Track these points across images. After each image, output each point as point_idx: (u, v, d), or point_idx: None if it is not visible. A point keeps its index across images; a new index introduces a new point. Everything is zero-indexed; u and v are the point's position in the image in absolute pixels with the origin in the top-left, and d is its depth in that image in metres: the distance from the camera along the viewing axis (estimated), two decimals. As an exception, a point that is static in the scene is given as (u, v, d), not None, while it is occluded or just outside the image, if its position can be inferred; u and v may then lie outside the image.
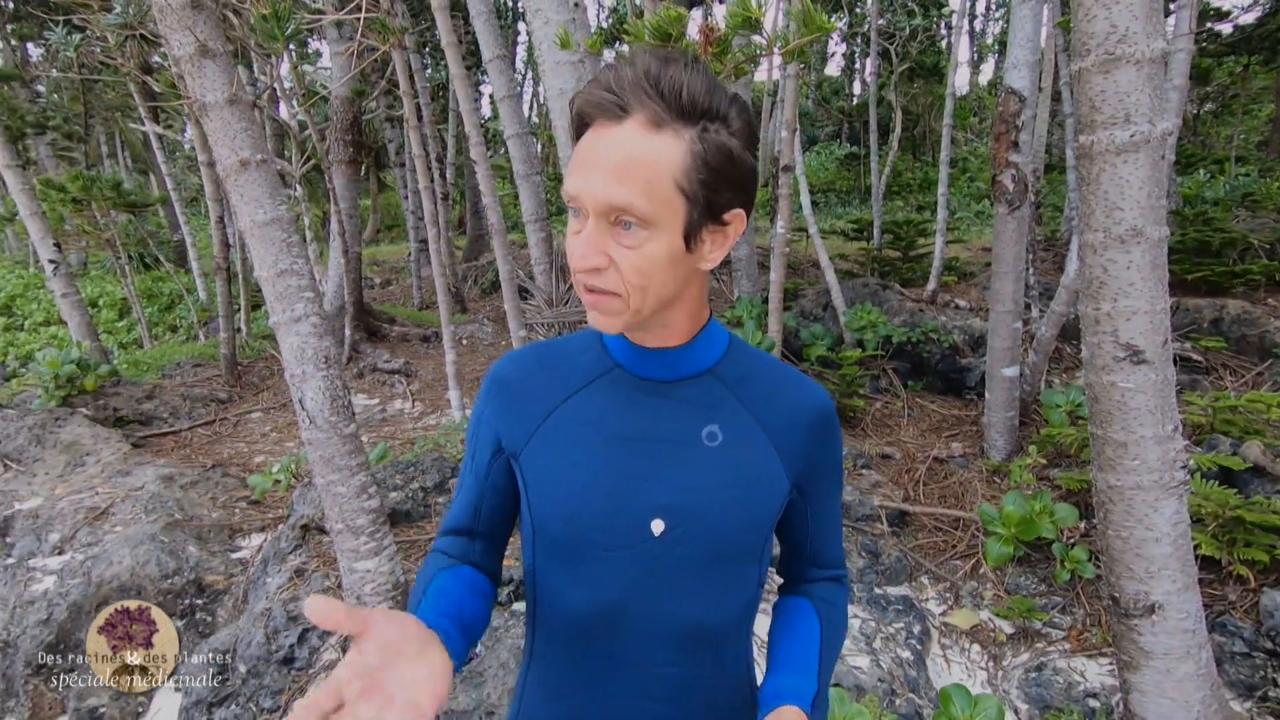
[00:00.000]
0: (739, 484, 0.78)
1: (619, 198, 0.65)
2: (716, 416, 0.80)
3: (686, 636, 0.80)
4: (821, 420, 0.83)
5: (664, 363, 0.80)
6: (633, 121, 0.66)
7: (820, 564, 0.92)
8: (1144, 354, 1.79)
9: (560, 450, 0.80)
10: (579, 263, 0.69)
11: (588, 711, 0.84)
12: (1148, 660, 1.92)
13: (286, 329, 2.34)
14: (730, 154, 0.68)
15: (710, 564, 0.79)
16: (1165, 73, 3.23)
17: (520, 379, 0.84)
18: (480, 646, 2.28)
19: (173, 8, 2.13)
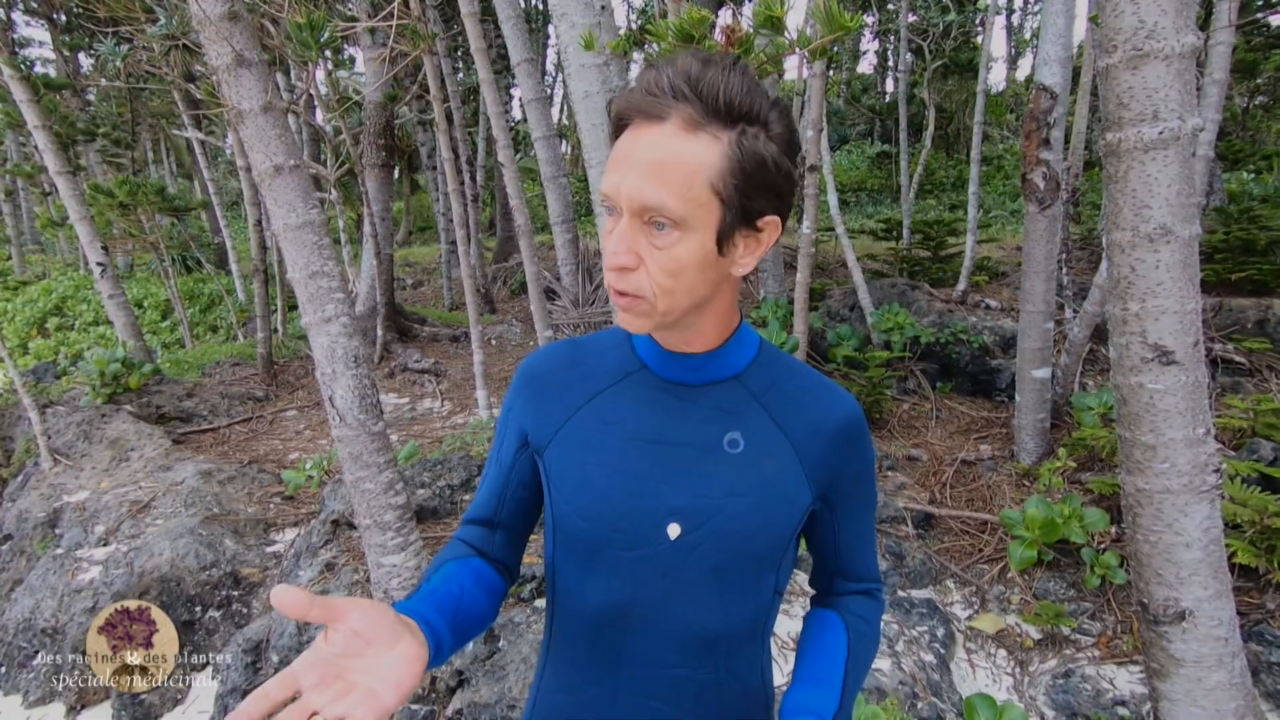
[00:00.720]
0: (758, 493, 0.78)
1: (652, 197, 0.65)
2: (739, 424, 0.80)
3: (696, 640, 0.81)
4: (849, 430, 0.82)
5: (689, 367, 0.80)
6: (671, 123, 0.66)
7: (849, 577, 0.91)
8: (1173, 355, 1.75)
9: (583, 449, 0.81)
10: (609, 260, 0.70)
11: (599, 705, 0.85)
12: (1178, 668, 1.88)
13: (318, 329, 2.41)
14: (767, 160, 0.67)
15: (724, 571, 0.79)
16: (1206, 66, 3.15)
17: (549, 375, 0.86)
18: (503, 641, 2.32)
19: (211, 20, 2.22)
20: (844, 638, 0.85)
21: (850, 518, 0.86)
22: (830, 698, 0.79)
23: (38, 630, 3.33)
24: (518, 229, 4.11)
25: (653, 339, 0.81)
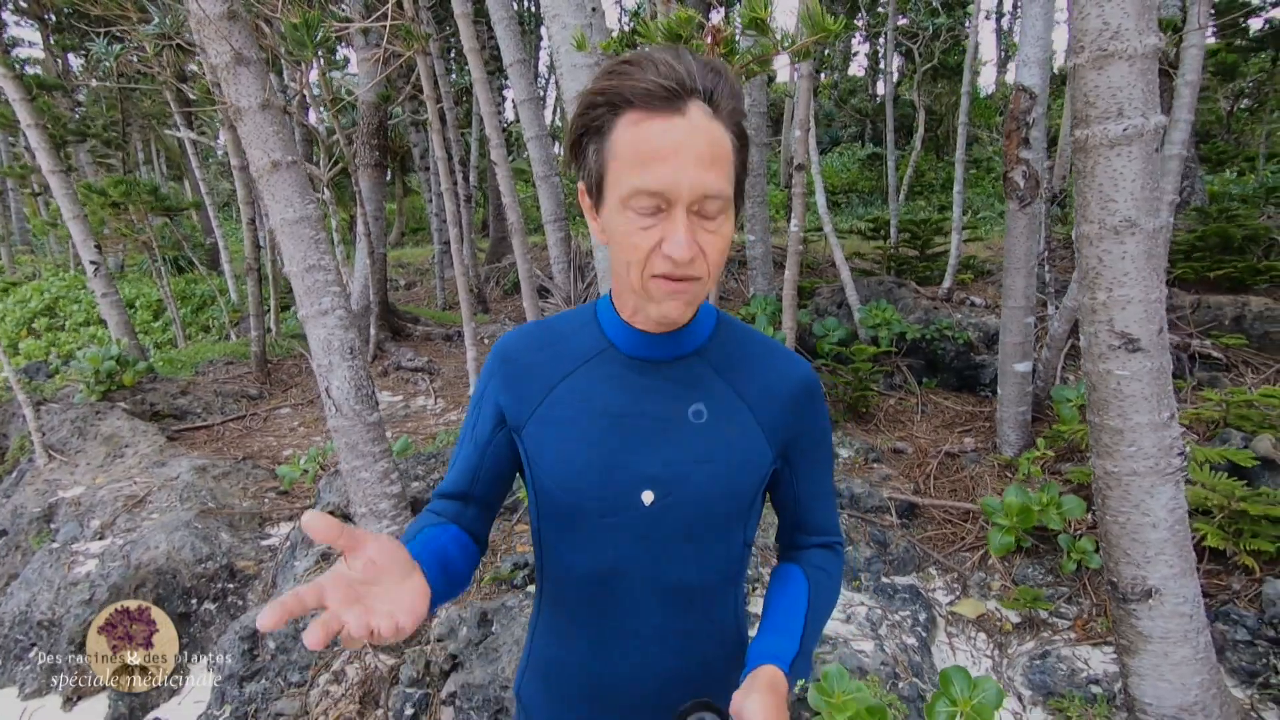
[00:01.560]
0: (722, 459, 0.85)
1: (713, 185, 0.68)
2: (702, 396, 0.86)
3: (675, 594, 0.88)
4: (803, 392, 0.89)
5: (656, 343, 0.86)
6: (693, 114, 0.68)
7: (810, 531, 0.98)
8: (1139, 342, 1.82)
9: (559, 426, 0.86)
10: (683, 255, 0.69)
11: (589, 657, 0.92)
12: (1145, 644, 1.95)
13: (314, 322, 2.46)
14: (747, 145, 0.74)
15: (696, 530, 0.86)
16: (1179, 68, 3.24)
17: (522, 356, 0.90)
18: (496, 625, 2.38)
19: (211, 19, 2.27)
20: (805, 589, 0.92)
21: (808, 475, 0.93)
22: (790, 645, 0.86)
23: (34, 623, 3.36)
24: (511, 228, 4.17)
25: (629, 324, 0.86)
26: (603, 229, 0.78)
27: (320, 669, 2.52)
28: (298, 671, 2.54)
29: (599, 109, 0.72)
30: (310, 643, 0.55)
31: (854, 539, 2.95)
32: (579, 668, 0.92)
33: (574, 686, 0.93)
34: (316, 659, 2.58)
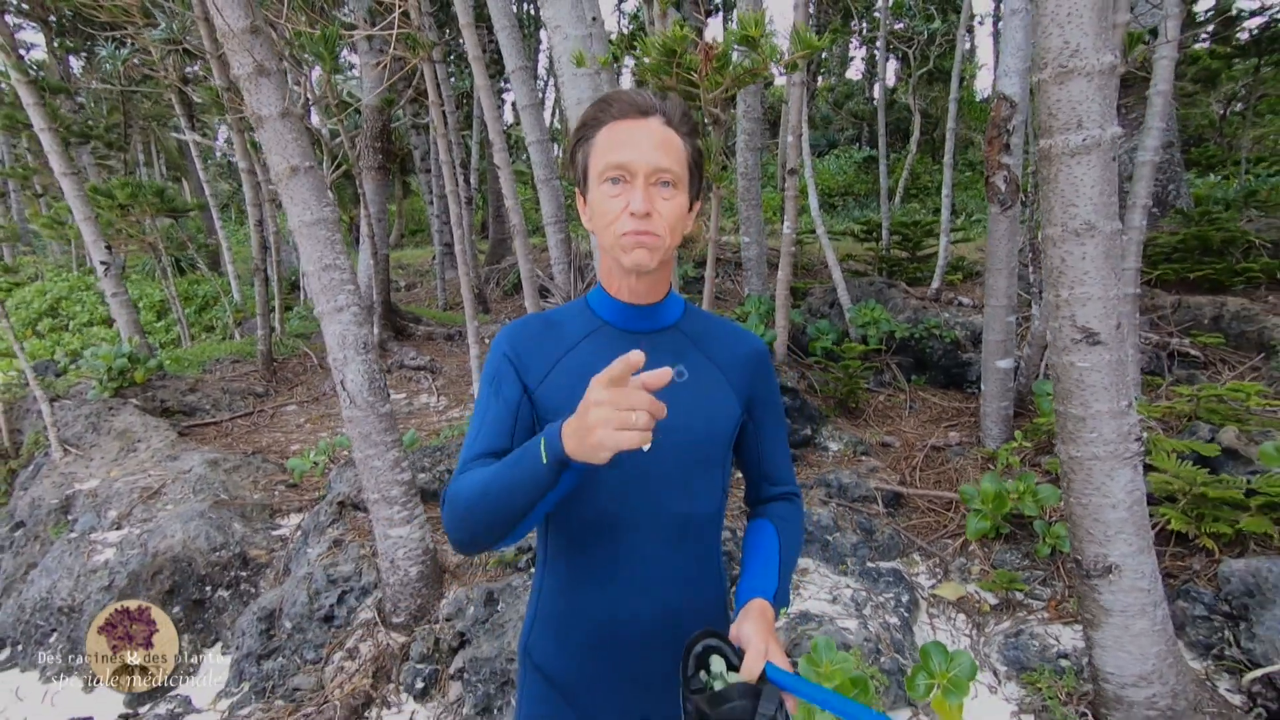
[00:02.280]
0: (703, 409, 1.04)
1: (664, 162, 0.94)
2: (683, 360, 1.05)
3: (674, 526, 1.03)
4: (758, 358, 1.12)
5: (643, 315, 1.05)
6: (656, 119, 0.96)
7: (774, 481, 1.16)
8: (1099, 336, 1.97)
9: (564, 391, 1.01)
10: (639, 208, 0.93)
11: (595, 601, 1.05)
12: (1107, 617, 2.10)
13: (330, 318, 2.60)
14: (700, 158, 0.99)
15: (688, 469, 1.03)
16: (1152, 79, 3.39)
17: (529, 338, 1.06)
18: (501, 603, 2.52)
19: (235, 32, 2.41)
20: (774, 536, 1.11)
21: (767, 428, 1.13)
22: (770, 582, 1.04)
23: (54, 609, 3.49)
24: (513, 229, 4.32)
25: (617, 300, 1.05)
26: (590, 217, 1.03)
27: (334, 647, 2.66)
28: (313, 649, 2.67)
29: (588, 127, 1.00)
30: None
31: (841, 526, 3.09)
32: (589, 616, 1.06)
33: (585, 634, 1.06)
34: (330, 638, 2.72)
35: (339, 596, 2.77)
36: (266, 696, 2.60)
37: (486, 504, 0.90)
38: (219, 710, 2.66)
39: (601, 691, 1.07)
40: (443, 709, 2.41)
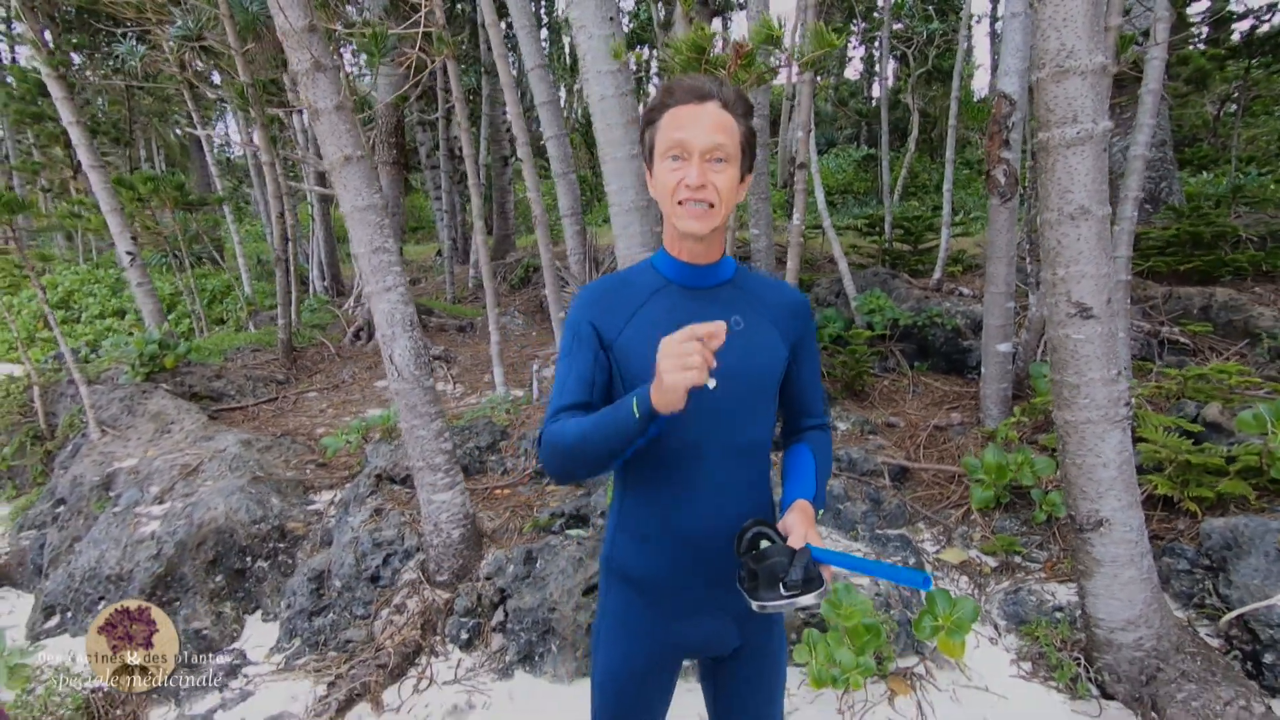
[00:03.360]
0: (758, 353, 1.23)
1: (718, 140, 1.11)
2: (738, 310, 1.24)
3: (739, 450, 1.23)
4: (802, 309, 1.31)
5: (702, 274, 1.24)
6: (713, 103, 1.12)
7: (810, 414, 1.37)
8: (1092, 310, 2.18)
9: (641, 341, 1.20)
10: (694, 180, 1.11)
11: (673, 513, 1.24)
12: (1099, 567, 2.30)
13: (379, 297, 2.80)
14: (753, 136, 1.17)
15: (748, 403, 1.22)
16: (1144, 78, 3.60)
17: (605, 296, 1.26)
18: (540, 561, 2.72)
19: (295, 30, 2.60)
20: (810, 456, 1.31)
21: (806, 368, 1.33)
22: (809, 489, 1.25)
23: (103, 578, 3.68)
24: (535, 219, 4.51)
25: (678, 260, 1.23)
26: (654, 188, 1.20)
27: (382, 604, 2.86)
28: (361, 606, 2.87)
29: (655, 111, 1.18)
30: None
31: (851, 497, 3.30)
32: (667, 527, 1.25)
33: (663, 541, 1.25)
34: (377, 596, 2.92)
35: (384, 559, 2.96)
36: (319, 649, 2.80)
37: (587, 448, 1.10)
38: (274, 662, 2.86)
39: (676, 588, 1.27)
40: (486, 657, 2.61)
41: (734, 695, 1.37)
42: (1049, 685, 2.42)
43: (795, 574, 1.05)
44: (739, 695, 1.37)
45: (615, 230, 4.30)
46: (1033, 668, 2.50)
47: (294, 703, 2.51)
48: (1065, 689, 2.38)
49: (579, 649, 2.46)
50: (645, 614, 1.29)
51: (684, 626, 1.29)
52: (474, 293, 11.07)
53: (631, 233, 4.27)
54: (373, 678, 2.45)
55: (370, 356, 7.51)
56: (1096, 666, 2.37)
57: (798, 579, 1.04)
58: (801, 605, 1.06)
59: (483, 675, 2.54)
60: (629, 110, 4.12)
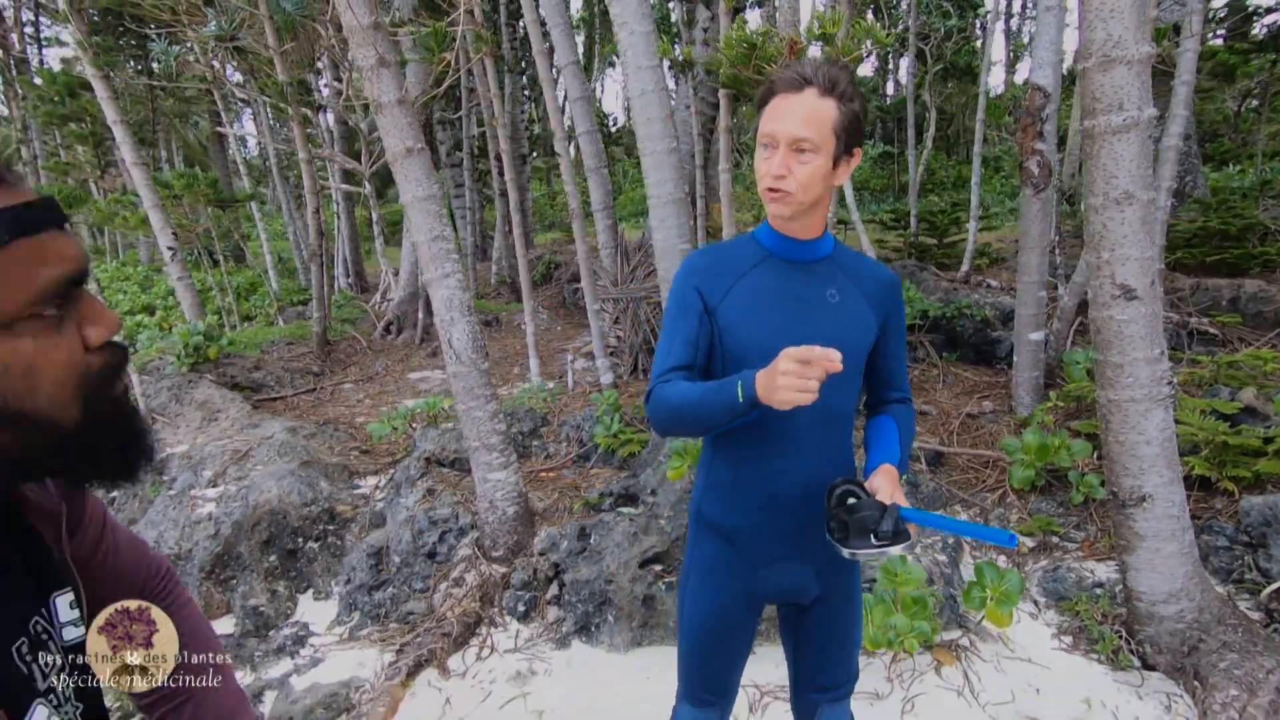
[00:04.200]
0: (851, 324, 1.31)
1: (802, 132, 1.17)
2: (834, 284, 1.32)
3: (827, 416, 1.31)
4: (893, 288, 1.38)
5: (801, 249, 1.31)
6: (807, 93, 1.18)
7: (894, 387, 1.44)
8: (1135, 291, 2.26)
9: (742, 308, 1.30)
10: (776, 170, 1.19)
11: (763, 471, 1.33)
12: (1141, 542, 2.38)
13: (438, 283, 2.91)
14: (856, 117, 1.21)
15: (838, 372, 1.30)
16: (1176, 70, 3.66)
17: (709, 265, 1.35)
18: (593, 537, 2.82)
19: (361, 26, 2.72)
20: (894, 425, 1.39)
21: (894, 344, 1.40)
22: (894, 454, 1.33)
23: (162, 557, 3.82)
24: (571, 213, 4.61)
25: (780, 234, 1.31)
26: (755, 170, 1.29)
27: (440, 578, 2.97)
28: (420, 580, 2.99)
29: (762, 100, 1.25)
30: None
31: (889, 480, 3.38)
32: (757, 483, 1.35)
33: (752, 496, 1.35)
34: (435, 571, 3.04)
35: (440, 536, 3.08)
36: (381, 621, 2.92)
37: (689, 417, 1.23)
38: (336, 634, 2.98)
39: (763, 540, 1.37)
40: (544, 628, 2.72)
41: (813, 643, 1.47)
42: (1090, 657, 2.50)
43: (886, 525, 1.14)
44: (818, 643, 1.46)
45: (653, 222, 4.40)
46: (1073, 641, 2.58)
47: (362, 669, 2.63)
48: (1107, 660, 2.45)
49: (635, 619, 2.57)
50: (732, 562, 1.39)
51: (767, 574, 1.39)
52: (496, 289, 11.21)
53: (669, 225, 4.37)
54: (438, 645, 2.56)
55: (400, 350, 7.66)
56: (1138, 639, 2.44)
57: (888, 530, 1.14)
58: (890, 555, 1.16)
59: (541, 645, 2.65)
60: (668, 105, 4.22)
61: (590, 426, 3.89)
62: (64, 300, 0.51)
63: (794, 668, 1.52)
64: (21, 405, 0.49)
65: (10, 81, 15.24)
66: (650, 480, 3.07)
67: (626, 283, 5.44)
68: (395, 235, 12.26)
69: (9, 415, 0.49)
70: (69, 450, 0.53)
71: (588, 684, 2.44)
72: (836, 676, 1.47)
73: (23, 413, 0.49)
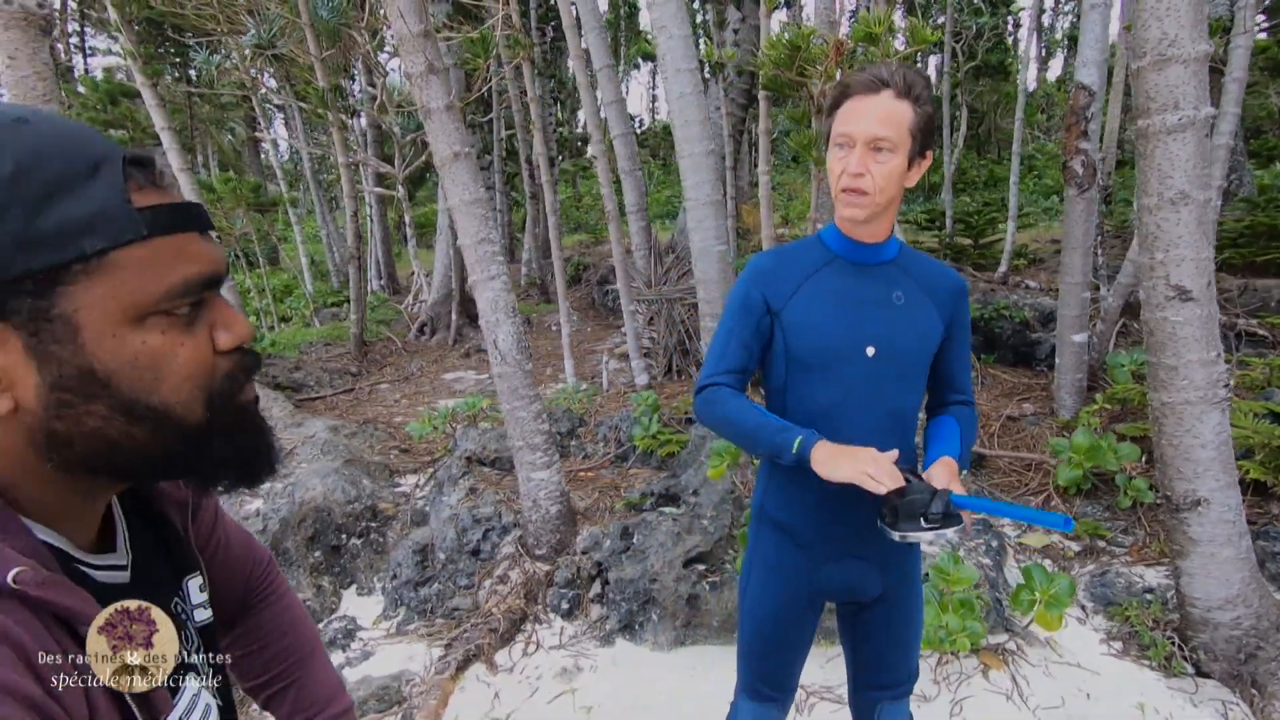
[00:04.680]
0: (916, 326, 1.32)
1: (881, 132, 1.18)
2: (900, 287, 1.33)
3: (888, 416, 1.33)
4: (960, 292, 1.38)
5: (868, 252, 1.33)
6: (885, 94, 1.20)
7: (956, 389, 1.44)
8: (1191, 293, 2.22)
9: (808, 309, 1.32)
10: (854, 169, 1.20)
11: None
12: (1195, 547, 2.34)
13: (484, 285, 2.96)
14: (930, 119, 1.23)
15: (902, 373, 1.32)
16: (1227, 66, 3.59)
17: (775, 267, 1.37)
18: (636, 536, 2.85)
19: (411, 36, 2.78)
20: (955, 424, 1.40)
21: (958, 346, 1.41)
22: (954, 448, 1.34)
23: (211, 552, 3.92)
24: (607, 215, 4.66)
25: (847, 237, 1.33)
26: (825, 172, 1.31)
27: (484, 575, 3.02)
28: (465, 577, 3.04)
29: (834, 102, 1.27)
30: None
31: (930, 482, 3.36)
32: (816, 479, 1.36)
33: (812, 493, 1.36)
34: (479, 568, 3.09)
35: (483, 533, 3.13)
36: (427, 616, 2.98)
37: (735, 435, 1.33)
38: (383, 628, 3.04)
39: (824, 536, 1.38)
40: (587, 626, 2.75)
41: (873, 641, 1.48)
42: (1141, 664, 2.46)
43: (936, 508, 1.15)
44: (877, 641, 1.47)
45: (690, 224, 4.42)
46: (1123, 647, 2.54)
47: (411, 662, 2.68)
48: (1159, 667, 2.42)
49: (679, 619, 2.59)
50: (794, 557, 1.41)
51: (829, 571, 1.41)
52: (525, 291, 11.31)
53: (706, 226, 4.39)
54: (485, 641, 2.61)
55: (435, 351, 7.77)
56: (1191, 645, 2.40)
57: (939, 512, 1.15)
58: (941, 539, 1.17)
59: (585, 642, 2.68)
60: (705, 107, 4.24)
61: (628, 427, 3.92)
62: (197, 301, 0.53)
63: (852, 665, 1.54)
64: (149, 400, 0.51)
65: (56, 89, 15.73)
66: (692, 480, 3.09)
67: (660, 284, 5.47)
68: (424, 238, 12.44)
69: (139, 410, 0.51)
70: (195, 451, 0.55)
71: (633, 681, 2.47)
72: (896, 675, 1.48)
73: (150, 407, 0.51)
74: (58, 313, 0.47)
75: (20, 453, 0.50)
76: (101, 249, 0.47)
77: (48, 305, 0.46)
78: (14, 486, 0.50)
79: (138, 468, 0.54)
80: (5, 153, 0.45)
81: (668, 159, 21.19)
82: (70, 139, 0.48)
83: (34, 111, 0.49)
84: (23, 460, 0.50)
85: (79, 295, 0.47)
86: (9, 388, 0.47)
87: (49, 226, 0.45)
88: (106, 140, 0.51)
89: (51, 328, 0.47)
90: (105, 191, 0.48)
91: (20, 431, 0.49)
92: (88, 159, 0.48)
